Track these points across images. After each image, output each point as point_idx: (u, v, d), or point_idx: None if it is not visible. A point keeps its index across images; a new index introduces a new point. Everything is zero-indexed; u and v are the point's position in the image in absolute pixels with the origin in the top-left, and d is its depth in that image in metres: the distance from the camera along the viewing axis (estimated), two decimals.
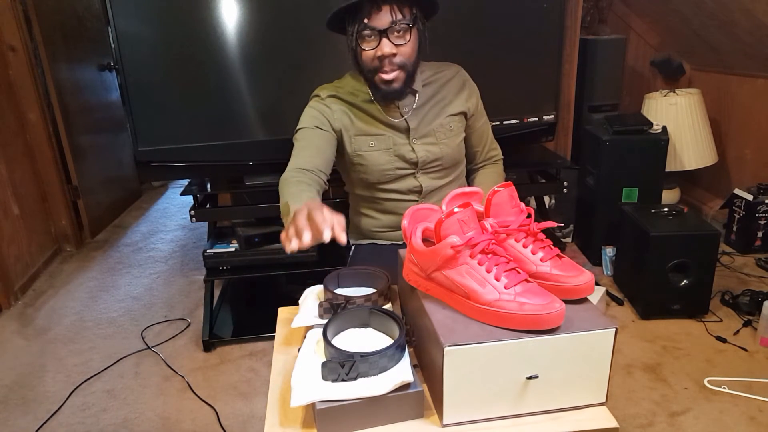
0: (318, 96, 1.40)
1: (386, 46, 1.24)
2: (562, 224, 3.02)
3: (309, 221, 0.89)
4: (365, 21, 1.22)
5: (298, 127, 1.37)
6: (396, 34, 1.24)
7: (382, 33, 1.23)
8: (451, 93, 1.43)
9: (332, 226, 0.89)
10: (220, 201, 2.60)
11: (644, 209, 2.38)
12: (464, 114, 1.44)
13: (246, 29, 1.97)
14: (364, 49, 1.27)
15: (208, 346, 2.22)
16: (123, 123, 3.68)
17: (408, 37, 1.25)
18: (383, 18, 1.22)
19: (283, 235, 0.92)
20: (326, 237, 0.87)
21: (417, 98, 1.38)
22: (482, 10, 2.14)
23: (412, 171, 1.41)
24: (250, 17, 1.96)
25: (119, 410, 1.91)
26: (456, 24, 2.12)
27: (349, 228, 1.62)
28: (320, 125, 1.35)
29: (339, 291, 1.11)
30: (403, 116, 1.38)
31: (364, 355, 0.83)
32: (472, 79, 1.48)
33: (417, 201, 1.43)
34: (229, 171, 2.20)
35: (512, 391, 0.84)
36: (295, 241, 0.89)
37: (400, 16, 1.22)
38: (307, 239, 0.87)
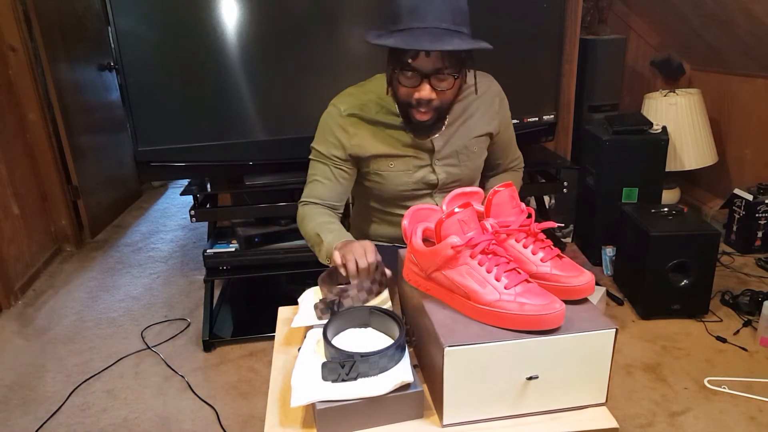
0: (338, 109, 1.29)
1: (425, 90, 1.15)
2: (562, 224, 3.02)
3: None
4: (409, 61, 1.13)
5: (313, 144, 1.32)
6: (439, 79, 1.15)
7: (425, 76, 1.14)
8: (480, 110, 1.36)
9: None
10: (220, 201, 2.60)
11: (644, 209, 2.38)
12: (490, 135, 1.40)
13: (246, 29, 1.97)
14: (403, 84, 1.18)
15: (208, 346, 2.22)
16: (123, 123, 3.68)
17: (451, 84, 1.17)
18: (430, 63, 1.13)
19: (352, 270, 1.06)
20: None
21: (447, 119, 1.31)
22: (482, 10, 2.14)
23: (430, 191, 1.37)
24: (250, 17, 1.96)
25: (119, 410, 1.91)
26: None
27: (350, 229, 1.61)
28: (336, 155, 1.30)
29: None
30: (429, 137, 1.31)
31: (364, 355, 0.83)
32: None
33: None
34: (229, 171, 2.19)
35: (512, 392, 0.84)
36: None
37: (447, 65, 1.13)
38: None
